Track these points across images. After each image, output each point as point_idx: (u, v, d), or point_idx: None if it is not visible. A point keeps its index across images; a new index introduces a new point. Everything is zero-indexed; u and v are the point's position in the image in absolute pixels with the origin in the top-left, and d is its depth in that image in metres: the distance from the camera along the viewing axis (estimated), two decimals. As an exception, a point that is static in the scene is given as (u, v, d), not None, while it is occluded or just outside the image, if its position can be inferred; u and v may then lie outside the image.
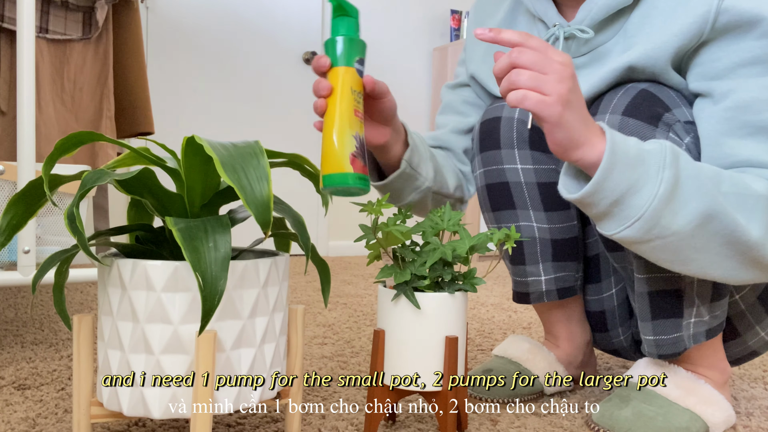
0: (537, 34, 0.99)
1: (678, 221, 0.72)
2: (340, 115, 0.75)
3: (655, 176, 0.70)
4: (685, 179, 0.71)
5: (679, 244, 0.73)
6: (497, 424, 0.93)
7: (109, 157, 1.86)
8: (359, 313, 1.80)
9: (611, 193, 0.71)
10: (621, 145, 0.71)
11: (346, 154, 0.74)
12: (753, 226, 0.74)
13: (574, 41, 0.93)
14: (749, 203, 0.74)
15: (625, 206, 0.72)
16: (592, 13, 0.89)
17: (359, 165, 0.74)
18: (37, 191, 0.74)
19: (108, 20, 1.89)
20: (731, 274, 0.77)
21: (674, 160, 0.71)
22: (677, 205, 0.71)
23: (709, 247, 0.74)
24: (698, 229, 0.72)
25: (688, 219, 0.72)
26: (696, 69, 0.84)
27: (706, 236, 0.73)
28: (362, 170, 0.75)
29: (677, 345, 0.88)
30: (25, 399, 0.99)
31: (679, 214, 0.71)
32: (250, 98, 3.47)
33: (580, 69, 0.94)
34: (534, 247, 1.03)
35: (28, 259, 1.18)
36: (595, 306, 1.11)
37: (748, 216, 0.74)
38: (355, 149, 0.74)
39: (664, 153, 0.71)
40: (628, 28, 0.89)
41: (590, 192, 0.72)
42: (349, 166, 0.73)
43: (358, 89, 0.78)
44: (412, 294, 0.81)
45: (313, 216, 3.69)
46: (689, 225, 0.72)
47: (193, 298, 0.71)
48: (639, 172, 0.71)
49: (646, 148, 0.72)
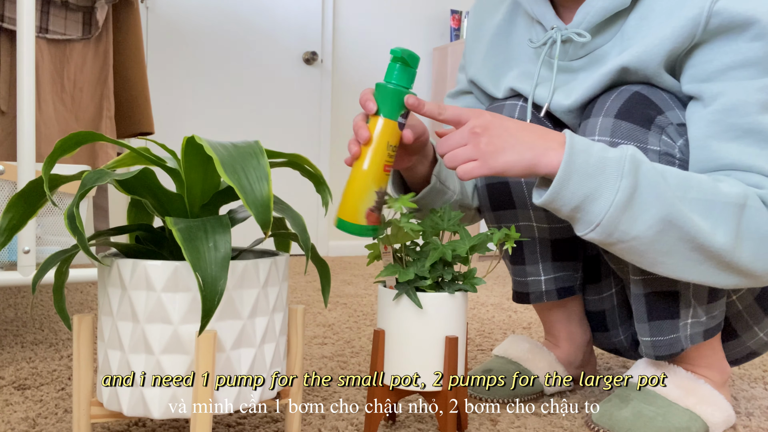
0: (535, 36, 0.99)
1: (637, 227, 0.74)
2: (369, 170, 0.77)
3: (612, 185, 0.73)
4: (643, 187, 0.73)
5: (644, 248, 0.76)
6: (497, 424, 0.93)
7: (109, 157, 1.86)
8: (359, 313, 1.80)
9: (570, 201, 0.75)
10: (580, 155, 0.74)
11: (364, 209, 0.78)
12: (719, 232, 0.75)
13: (571, 44, 0.93)
14: (716, 210, 0.75)
15: (586, 212, 0.75)
16: (589, 16, 0.89)
17: (373, 218, 0.79)
18: (37, 191, 0.74)
19: (108, 20, 1.89)
20: (710, 278, 0.78)
21: (633, 169, 0.73)
22: (635, 212, 0.73)
23: (677, 251, 0.76)
24: (659, 235, 0.74)
25: (647, 225, 0.74)
26: (688, 71, 0.84)
27: (669, 242, 0.75)
28: (375, 222, 0.80)
29: (674, 346, 0.88)
30: (25, 399, 0.99)
31: (638, 221, 0.74)
32: (250, 98, 3.47)
33: (578, 72, 0.94)
34: (534, 247, 1.03)
35: (28, 259, 1.18)
36: (595, 306, 1.11)
37: (714, 222, 0.75)
38: (374, 204, 0.78)
39: (623, 162, 0.73)
40: (625, 31, 0.89)
41: (549, 200, 0.76)
42: (363, 219, 0.78)
43: (395, 144, 0.79)
44: (414, 293, 0.81)
45: (313, 216, 3.69)
46: (649, 231, 0.74)
47: (193, 298, 0.71)
48: (598, 180, 0.73)
49: (608, 156, 0.74)
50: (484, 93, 1.08)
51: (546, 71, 0.97)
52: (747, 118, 0.79)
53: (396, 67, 0.78)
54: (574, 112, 0.94)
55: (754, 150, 0.79)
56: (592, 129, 0.86)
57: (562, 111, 0.94)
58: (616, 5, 0.87)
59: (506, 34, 1.04)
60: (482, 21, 1.09)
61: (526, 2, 0.97)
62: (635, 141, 0.83)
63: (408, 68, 0.78)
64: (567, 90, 0.94)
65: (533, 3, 0.96)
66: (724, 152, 0.80)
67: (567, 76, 0.95)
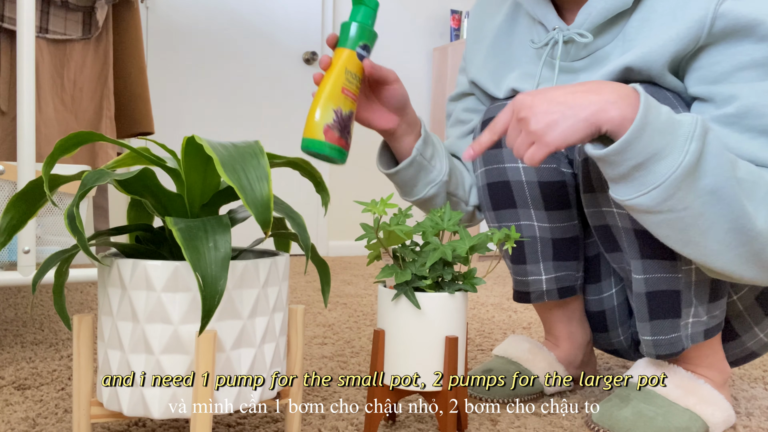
0: (537, 37, 0.99)
1: (692, 195, 0.71)
2: (326, 90, 0.83)
3: (682, 146, 0.70)
4: (708, 155, 0.71)
5: (687, 221, 0.73)
6: (497, 424, 0.93)
7: (109, 157, 1.86)
8: (359, 313, 1.80)
9: (638, 155, 0.71)
10: (653, 109, 0.71)
11: (322, 124, 0.82)
12: (760, 215, 0.74)
13: (573, 45, 0.93)
14: (761, 192, 0.74)
15: (647, 171, 0.71)
16: (591, 17, 0.89)
17: (333, 136, 0.83)
18: (37, 191, 0.74)
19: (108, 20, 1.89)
20: (730, 267, 0.77)
21: (702, 134, 0.71)
22: (696, 178, 0.71)
23: (714, 231, 0.74)
24: (706, 207, 0.72)
25: (700, 194, 0.72)
26: (695, 73, 0.84)
27: (712, 218, 0.73)
28: (336, 141, 0.83)
29: (675, 345, 0.88)
30: (25, 399, 0.99)
31: (693, 189, 0.71)
32: (250, 98, 3.47)
33: (579, 72, 0.94)
34: (535, 246, 1.03)
35: (28, 259, 1.18)
36: (595, 306, 1.11)
37: (757, 205, 0.74)
38: (332, 122, 0.82)
39: (694, 125, 0.71)
40: (627, 32, 0.89)
41: (617, 150, 0.71)
42: (321, 135, 0.82)
43: (354, 71, 0.85)
44: (413, 294, 0.81)
45: (313, 216, 3.69)
46: (699, 200, 0.72)
47: (193, 298, 0.71)
48: (667, 139, 0.70)
49: (678, 118, 0.71)
50: (485, 94, 1.08)
51: (547, 72, 0.97)
52: (762, 119, 0.79)
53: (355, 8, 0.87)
54: None
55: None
56: None
57: None
58: (618, 6, 0.87)
59: (507, 36, 1.05)
60: (483, 22, 1.09)
61: (528, 3, 0.97)
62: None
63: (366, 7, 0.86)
64: None
65: (534, 4, 0.96)
66: (744, 151, 0.79)
67: (568, 77, 0.95)
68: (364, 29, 0.85)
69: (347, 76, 0.84)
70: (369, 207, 0.80)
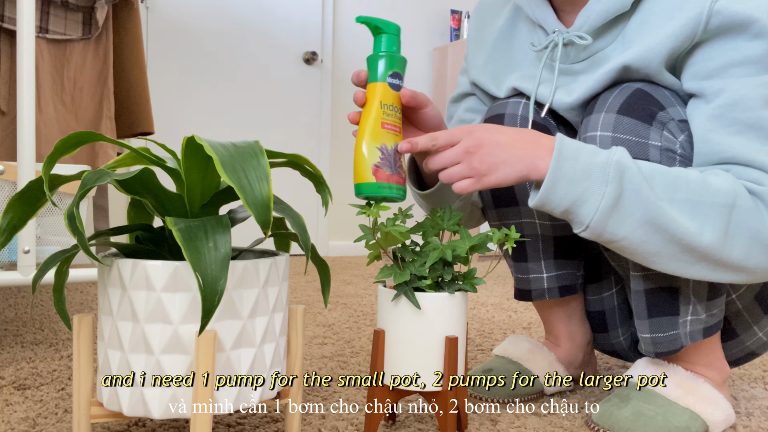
0: (537, 40, 0.99)
1: (624, 229, 0.77)
2: (366, 129, 0.81)
3: (598, 190, 0.76)
4: (628, 192, 0.76)
5: (634, 248, 0.79)
6: (497, 424, 0.93)
7: (109, 157, 1.86)
8: (359, 313, 1.80)
9: (559, 205, 0.78)
10: (567, 161, 0.77)
11: (369, 165, 0.80)
12: (706, 232, 0.77)
13: (573, 47, 0.93)
14: (703, 210, 0.77)
15: (576, 215, 0.79)
16: (590, 20, 0.89)
17: (383, 175, 0.80)
18: (37, 191, 0.74)
19: (108, 20, 1.89)
20: (706, 275, 0.80)
21: (618, 175, 0.76)
22: (621, 215, 0.77)
23: (666, 253, 0.78)
24: (646, 236, 0.77)
25: (632, 227, 0.77)
26: (689, 69, 0.85)
27: (657, 243, 0.77)
28: (387, 179, 0.81)
29: (674, 343, 0.88)
30: (25, 399, 0.99)
31: (624, 224, 0.77)
32: (250, 98, 3.47)
33: (579, 74, 0.94)
34: (536, 244, 1.03)
35: (28, 259, 1.18)
36: (595, 306, 1.11)
37: (702, 223, 0.77)
38: (379, 160, 0.80)
39: (608, 168, 0.76)
40: (626, 34, 0.89)
41: (539, 204, 0.80)
42: (371, 177, 0.80)
43: (390, 102, 0.83)
44: (412, 294, 0.81)
45: (313, 216, 3.69)
46: (635, 233, 0.77)
47: (193, 298, 0.71)
48: (584, 186, 0.77)
49: (595, 161, 0.77)
50: (487, 94, 1.09)
51: (548, 74, 0.97)
52: (749, 113, 0.80)
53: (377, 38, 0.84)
54: (576, 110, 0.94)
55: (756, 145, 0.80)
56: (595, 125, 0.87)
57: (564, 108, 0.94)
58: (617, 8, 0.87)
59: (508, 38, 1.05)
60: (484, 25, 1.09)
61: (528, 6, 0.97)
62: (637, 136, 0.84)
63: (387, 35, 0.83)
64: (568, 90, 0.94)
65: (534, 7, 0.97)
66: (726, 146, 0.81)
67: (568, 79, 0.95)
68: (392, 58, 0.83)
69: (385, 109, 0.82)
70: (363, 210, 0.80)
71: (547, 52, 0.95)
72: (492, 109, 1.03)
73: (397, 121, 0.83)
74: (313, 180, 0.85)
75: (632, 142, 0.84)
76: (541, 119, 0.99)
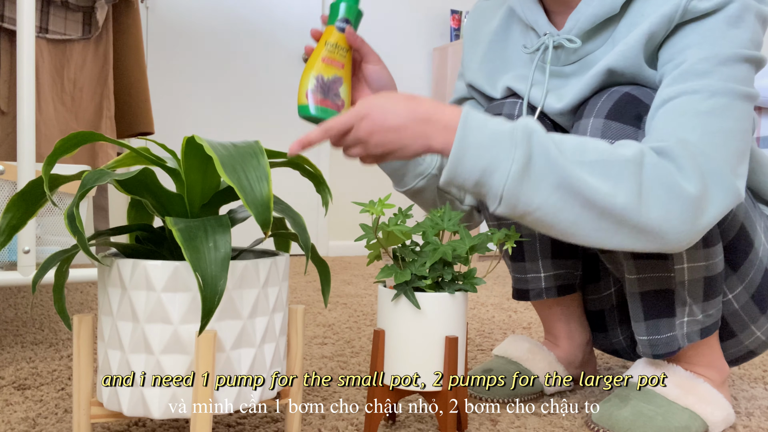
0: (529, 42, 0.99)
1: (539, 196, 0.73)
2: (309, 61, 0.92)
3: (507, 155, 0.72)
4: (537, 155, 0.72)
5: (551, 219, 0.74)
6: (497, 424, 0.93)
7: (109, 157, 1.86)
8: (359, 313, 1.80)
9: (470, 176, 0.74)
10: (474, 130, 0.74)
11: (304, 90, 0.90)
12: (619, 192, 0.72)
13: (563, 50, 0.93)
14: (614, 169, 0.73)
15: (487, 187, 0.74)
16: (579, 23, 0.90)
17: (316, 98, 0.90)
18: (37, 191, 0.74)
19: (108, 20, 1.89)
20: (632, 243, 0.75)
21: (526, 137, 0.73)
22: (533, 181, 0.72)
23: (584, 220, 0.74)
24: (561, 203, 0.73)
25: (546, 193, 0.73)
26: (659, 59, 0.86)
27: (574, 210, 0.73)
28: (320, 103, 0.91)
29: (671, 344, 0.88)
30: (25, 399, 0.99)
31: (537, 190, 0.73)
32: (250, 98, 3.47)
33: (570, 77, 0.95)
34: (534, 244, 1.03)
35: (28, 259, 1.18)
36: (594, 305, 1.11)
37: (615, 183, 0.73)
38: (314, 87, 0.90)
39: (515, 132, 0.73)
40: (616, 38, 0.89)
41: (449, 178, 0.76)
42: (304, 99, 0.90)
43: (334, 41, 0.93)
44: (413, 294, 0.81)
45: (313, 216, 3.69)
46: (549, 199, 0.73)
47: (193, 298, 0.71)
48: (493, 152, 0.73)
49: (502, 128, 0.74)
50: (483, 95, 1.09)
51: (540, 76, 0.98)
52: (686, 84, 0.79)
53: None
54: (566, 115, 0.94)
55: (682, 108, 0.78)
56: (584, 130, 0.88)
57: (555, 113, 0.95)
58: (606, 11, 0.88)
59: (502, 40, 1.05)
60: (479, 26, 1.09)
61: (520, 9, 0.98)
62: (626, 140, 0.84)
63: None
64: (559, 94, 0.94)
65: (527, 9, 0.97)
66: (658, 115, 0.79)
67: (559, 81, 0.96)
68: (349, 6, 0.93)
69: (327, 47, 0.92)
70: (367, 208, 0.80)
71: (538, 54, 0.95)
72: (489, 109, 1.03)
73: (340, 58, 0.92)
74: (313, 180, 0.85)
75: None
76: None
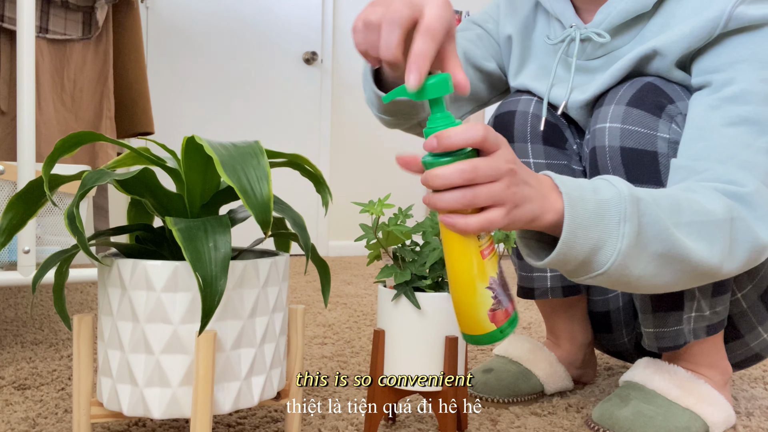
0: (552, 33, 0.99)
1: (640, 266, 0.70)
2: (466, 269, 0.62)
3: (615, 231, 0.67)
4: (645, 226, 0.68)
5: (644, 282, 0.72)
6: (497, 424, 0.93)
7: (109, 157, 1.86)
8: (359, 313, 1.80)
9: (578, 256, 0.67)
10: (578, 204, 0.66)
11: (485, 314, 0.63)
12: (715, 252, 0.73)
13: (589, 43, 0.93)
14: (710, 230, 0.73)
15: (591, 263, 0.68)
16: (610, 18, 0.89)
17: (500, 315, 0.64)
18: (37, 191, 0.74)
19: (108, 20, 1.89)
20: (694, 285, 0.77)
21: (634, 210, 0.68)
22: (639, 251, 0.69)
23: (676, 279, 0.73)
24: (659, 268, 0.71)
25: (646, 261, 0.70)
26: (699, 65, 0.85)
27: (669, 273, 0.72)
28: (505, 316, 0.64)
29: (677, 338, 0.88)
30: (25, 399, 0.99)
31: (640, 260, 0.69)
32: (250, 98, 3.47)
33: (595, 72, 0.94)
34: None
35: (28, 259, 1.18)
36: (600, 306, 1.11)
37: (710, 244, 0.73)
38: (493, 301, 0.63)
39: (623, 204, 0.67)
40: (645, 35, 0.89)
41: (557, 260, 0.67)
42: (490, 325, 0.63)
43: None
44: (413, 294, 0.81)
45: (313, 216, 3.69)
46: (649, 265, 0.70)
47: (193, 298, 0.71)
48: (600, 228, 0.66)
49: (604, 198, 0.67)
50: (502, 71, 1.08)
51: (562, 70, 0.97)
52: (747, 106, 0.80)
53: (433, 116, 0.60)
54: (587, 108, 0.94)
55: (746, 140, 0.79)
56: (605, 116, 0.88)
57: (578, 106, 0.95)
58: (638, 8, 0.87)
59: (529, 29, 1.05)
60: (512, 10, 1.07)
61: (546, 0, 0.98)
62: (645, 128, 0.84)
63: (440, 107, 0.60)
64: (583, 90, 0.94)
65: (553, 0, 0.97)
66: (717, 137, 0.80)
67: (584, 76, 0.96)
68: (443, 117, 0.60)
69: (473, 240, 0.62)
70: (367, 208, 0.80)
71: (563, 46, 0.95)
72: (503, 105, 1.03)
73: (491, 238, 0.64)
74: (313, 180, 0.85)
75: (640, 134, 0.85)
76: (553, 118, 0.99)
